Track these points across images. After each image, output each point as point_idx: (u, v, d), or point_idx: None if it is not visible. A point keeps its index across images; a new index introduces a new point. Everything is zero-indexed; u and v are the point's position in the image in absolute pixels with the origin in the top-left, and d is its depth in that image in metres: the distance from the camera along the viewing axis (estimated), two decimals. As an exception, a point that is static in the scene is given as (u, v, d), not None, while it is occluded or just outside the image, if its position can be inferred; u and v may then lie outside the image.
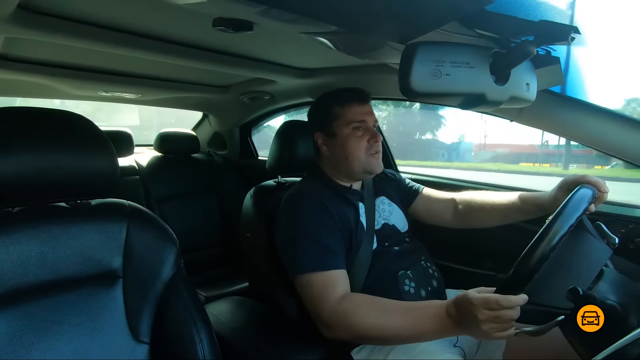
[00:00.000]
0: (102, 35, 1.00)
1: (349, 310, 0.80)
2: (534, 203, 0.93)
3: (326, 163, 1.06)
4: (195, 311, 0.74)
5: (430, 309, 0.74)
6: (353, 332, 0.79)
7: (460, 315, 0.68)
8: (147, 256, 0.75)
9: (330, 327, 0.82)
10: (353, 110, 0.99)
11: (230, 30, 0.75)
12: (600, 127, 0.89)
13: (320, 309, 0.83)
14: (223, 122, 2.32)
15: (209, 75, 1.62)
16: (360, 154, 0.98)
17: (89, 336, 0.68)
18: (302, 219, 0.93)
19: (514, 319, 0.62)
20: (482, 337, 0.66)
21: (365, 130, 0.99)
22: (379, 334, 0.77)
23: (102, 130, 0.73)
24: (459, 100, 0.66)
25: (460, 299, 0.68)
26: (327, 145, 1.03)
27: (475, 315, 0.63)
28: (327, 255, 0.88)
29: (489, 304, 0.62)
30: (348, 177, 1.04)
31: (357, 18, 0.64)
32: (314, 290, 0.86)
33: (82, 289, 0.69)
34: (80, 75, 1.42)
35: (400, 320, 0.75)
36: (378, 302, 0.80)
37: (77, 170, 0.68)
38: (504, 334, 0.63)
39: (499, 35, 0.67)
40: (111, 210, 0.76)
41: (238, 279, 1.79)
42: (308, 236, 0.90)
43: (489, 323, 0.62)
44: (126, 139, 1.95)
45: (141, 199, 1.84)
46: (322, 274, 0.86)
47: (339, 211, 0.96)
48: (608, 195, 0.78)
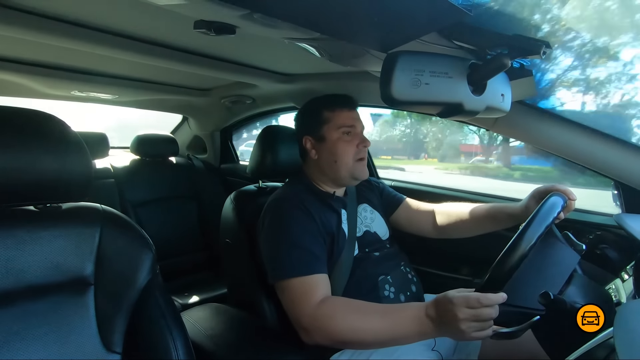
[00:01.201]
0: (79, 34, 0.97)
1: (327, 314, 0.79)
2: (507, 213, 0.97)
3: (313, 167, 1.06)
4: (171, 319, 0.72)
5: (408, 311, 0.74)
6: (331, 336, 0.78)
7: (440, 315, 0.68)
8: (121, 262, 0.72)
9: (308, 331, 0.81)
10: (343, 115, 1.01)
11: (211, 33, 0.74)
12: (569, 138, 0.93)
13: (300, 314, 0.82)
14: (203, 126, 2.28)
15: (190, 77, 1.60)
16: (348, 159, 1.00)
17: (56, 346, 0.65)
18: (285, 222, 0.93)
19: (492, 318, 0.63)
20: (461, 337, 0.66)
21: (354, 136, 1.01)
22: (357, 338, 0.76)
23: (75, 132, 0.71)
24: (438, 109, 0.68)
25: (441, 298, 0.68)
26: (316, 149, 1.03)
27: (455, 314, 0.64)
28: (309, 260, 0.88)
29: (470, 302, 0.63)
30: (334, 182, 1.05)
31: (340, 26, 0.65)
32: (294, 295, 0.85)
33: (51, 297, 0.66)
34: (54, 74, 1.37)
35: (378, 323, 0.75)
36: (356, 305, 0.80)
37: (48, 173, 0.65)
38: (482, 334, 0.64)
39: (475, 47, 0.69)
40: (83, 215, 0.73)
41: (216, 285, 1.76)
42: (290, 240, 0.90)
43: (468, 322, 0.63)
44: (101, 140, 1.89)
45: (116, 203, 1.78)
46: (303, 279, 0.85)
47: (322, 217, 0.97)
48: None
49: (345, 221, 1.01)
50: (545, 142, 0.98)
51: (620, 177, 0.88)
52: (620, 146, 0.86)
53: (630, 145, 0.85)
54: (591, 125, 0.89)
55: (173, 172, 2.05)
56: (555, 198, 0.71)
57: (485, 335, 0.64)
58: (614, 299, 0.70)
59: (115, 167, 1.89)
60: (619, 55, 0.77)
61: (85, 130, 1.81)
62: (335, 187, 1.06)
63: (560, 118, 0.93)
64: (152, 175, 1.96)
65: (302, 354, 0.88)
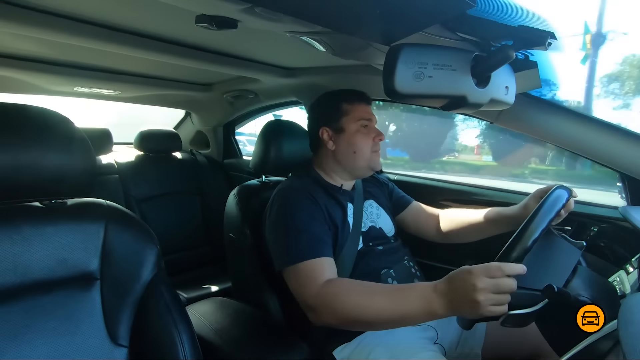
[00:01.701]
0: (81, 30, 0.97)
1: (333, 292, 0.80)
2: (506, 215, 0.99)
3: (328, 158, 1.07)
4: (176, 313, 0.73)
5: (416, 289, 0.72)
6: (337, 315, 0.78)
7: (455, 288, 0.65)
8: (126, 257, 0.73)
9: (315, 310, 0.81)
10: (362, 109, 1.05)
11: (213, 27, 0.73)
12: (573, 130, 0.92)
13: (307, 295, 0.83)
14: (206, 121, 2.28)
15: (192, 72, 1.60)
16: (366, 150, 1.03)
17: (64, 340, 0.66)
18: (292, 210, 0.94)
19: (512, 290, 0.61)
20: (476, 311, 0.62)
21: (370, 129, 1.04)
22: (364, 316, 0.75)
23: (79, 128, 0.71)
24: (441, 102, 0.67)
25: (457, 271, 0.66)
26: (334, 140, 1.05)
27: (473, 284, 0.61)
28: (316, 244, 0.89)
29: (490, 271, 0.61)
30: (350, 172, 1.07)
31: (342, 19, 0.64)
32: (301, 278, 0.85)
33: (57, 292, 0.67)
34: (57, 70, 1.38)
35: (385, 300, 0.73)
36: (362, 284, 0.80)
37: (53, 169, 0.66)
38: (498, 309, 0.61)
39: (479, 39, 0.68)
40: (88, 210, 0.74)
41: (221, 280, 1.77)
42: (298, 226, 0.91)
43: (487, 292, 0.60)
44: (105, 136, 1.90)
45: (120, 199, 1.79)
46: (310, 262, 0.86)
47: (328, 208, 0.98)
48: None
49: (351, 215, 1.02)
50: (550, 134, 0.97)
51: (626, 169, 0.87)
52: (625, 137, 0.85)
53: (635, 136, 0.84)
54: (596, 117, 0.89)
55: (176, 168, 2.06)
56: (560, 191, 0.70)
57: (501, 311, 0.61)
58: (619, 292, 0.70)
59: (119, 163, 1.90)
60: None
61: (88, 127, 1.82)
62: (348, 178, 1.08)
63: (565, 110, 0.92)
64: (156, 170, 1.97)
65: (306, 347, 0.89)
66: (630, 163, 0.87)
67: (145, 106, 2.16)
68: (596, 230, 1.07)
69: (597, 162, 0.93)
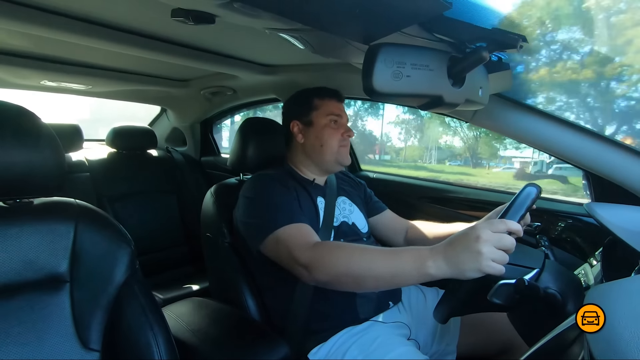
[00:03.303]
0: (49, 21, 0.92)
1: (325, 248, 0.80)
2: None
3: (298, 152, 1.09)
4: (152, 314, 0.71)
5: (410, 249, 0.72)
6: (330, 269, 0.77)
7: (455, 245, 0.64)
8: (98, 258, 0.70)
9: (308, 267, 0.79)
10: (332, 104, 1.07)
11: (190, 22, 0.72)
12: (542, 130, 0.96)
13: (298, 254, 0.82)
14: (183, 118, 2.23)
15: (168, 67, 1.55)
16: (334, 144, 1.04)
17: (30, 347, 0.63)
18: (263, 191, 0.97)
19: (512, 246, 0.62)
20: (477, 264, 0.61)
21: (340, 125, 1.06)
22: (355, 269, 0.73)
23: (47, 124, 0.68)
24: (419, 101, 0.68)
25: (459, 232, 0.67)
26: (303, 133, 1.07)
27: (478, 236, 0.61)
28: (293, 214, 0.91)
29: (494, 225, 0.62)
30: (318, 166, 1.08)
31: (322, 17, 0.64)
32: (289, 240, 0.85)
33: (23, 296, 0.64)
34: (22, 63, 1.31)
35: (376, 255, 0.72)
36: (355, 244, 0.81)
37: (17, 166, 0.62)
38: (497, 267, 0.61)
39: (455, 40, 0.70)
40: (57, 210, 0.71)
41: (198, 280, 1.74)
42: (271, 203, 0.93)
43: (490, 245, 0.60)
44: (75, 133, 1.82)
45: (92, 198, 1.72)
46: (293, 226, 0.87)
47: (299, 197, 1.00)
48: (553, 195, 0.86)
49: (322, 208, 1.03)
50: (521, 134, 1.01)
51: (590, 167, 0.92)
52: (590, 138, 0.90)
53: (600, 137, 0.89)
54: (563, 117, 0.93)
55: (151, 165, 2.00)
56: (530, 187, 0.73)
57: (499, 271, 0.61)
58: (583, 284, 0.74)
59: (90, 160, 1.83)
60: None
61: (57, 122, 1.74)
62: (319, 173, 1.09)
63: (536, 111, 0.95)
64: (130, 168, 1.91)
65: (286, 346, 0.89)
66: (594, 162, 0.91)
67: (120, 102, 2.09)
68: (563, 225, 1.12)
69: (565, 160, 0.97)
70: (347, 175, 1.25)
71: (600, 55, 1.03)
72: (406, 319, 1.01)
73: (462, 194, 1.39)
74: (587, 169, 0.95)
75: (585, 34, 0.86)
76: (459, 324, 1.02)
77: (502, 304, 0.65)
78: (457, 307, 0.69)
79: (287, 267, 0.86)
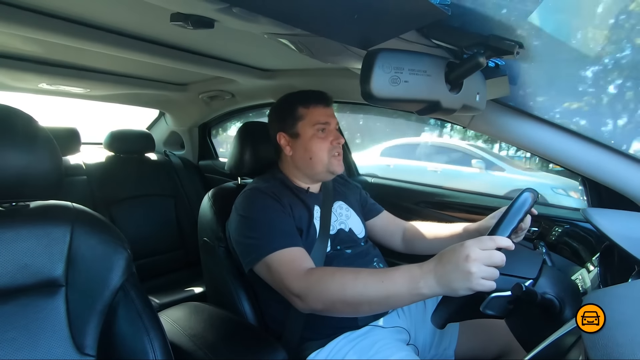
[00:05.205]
0: (48, 24, 0.92)
1: (317, 276, 0.79)
2: (469, 230, 1.00)
3: (288, 164, 1.06)
4: (148, 319, 0.71)
5: (401, 269, 0.71)
6: (323, 297, 0.76)
7: (445, 263, 0.65)
8: (94, 262, 0.70)
9: (301, 296, 0.79)
10: (318, 112, 1.01)
11: (189, 26, 0.72)
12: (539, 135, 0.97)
13: (290, 282, 0.81)
14: (181, 121, 2.23)
15: (166, 71, 1.55)
16: (323, 155, 1.00)
17: (25, 352, 0.62)
18: (256, 207, 0.94)
19: (502, 262, 0.62)
20: (467, 283, 0.61)
21: (328, 132, 1.01)
22: (348, 296, 0.73)
23: (44, 127, 0.68)
24: (417, 106, 0.69)
25: (447, 248, 0.67)
26: (290, 146, 1.03)
27: (467, 255, 0.62)
28: (286, 237, 0.89)
29: (483, 243, 0.62)
30: (310, 177, 1.05)
31: (320, 22, 0.65)
32: (280, 267, 0.84)
33: (18, 300, 0.63)
34: (20, 66, 1.30)
35: (368, 279, 0.72)
36: (345, 269, 0.80)
37: (13, 170, 0.62)
38: (487, 284, 0.61)
39: (453, 46, 0.71)
40: (53, 213, 0.70)
41: (195, 284, 1.73)
42: (265, 223, 0.90)
43: (479, 264, 0.61)
44: (72, 136, 1.81)
45: (88, 201, 1.71)
46: (285, 251, 0.85)
47: (293, 208, 0.97)
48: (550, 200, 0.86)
49: (318, 217, 1.01)
50: (518, 139, 1.01)
51: (587, 173, 0.92)
52: (587, 144, 0.90)
53: (596, 143, 0.89)
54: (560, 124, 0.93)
55: (149, 169, 1.99)
56: (527, 194, 0.73)
57: (490, 287, 0.61)
58: (581, 289, 0.74)
59: (87, 163, 1.82)
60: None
61: (54, 126, 1.73)
62: (311, 182, 1.07)
63: (533, 117, 0.96)
64: (127, 172, 1.90)
65: (283, 350, 0.88)
66: (591, 167, 0.92)
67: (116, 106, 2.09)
68: (560, 230, 1.13)
69: (562, 165, 0.98)
70: (343, 177, 1.24)
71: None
72: (405, 324, 1.01)
73: (460, 199, 1.39)
74: (584, 175, 0.95)
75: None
76: (457, 328, 1.02)
77: (496, 315, 0.66)
78: (455, 313, 0.69)
79: (280, 294, 0.85)
